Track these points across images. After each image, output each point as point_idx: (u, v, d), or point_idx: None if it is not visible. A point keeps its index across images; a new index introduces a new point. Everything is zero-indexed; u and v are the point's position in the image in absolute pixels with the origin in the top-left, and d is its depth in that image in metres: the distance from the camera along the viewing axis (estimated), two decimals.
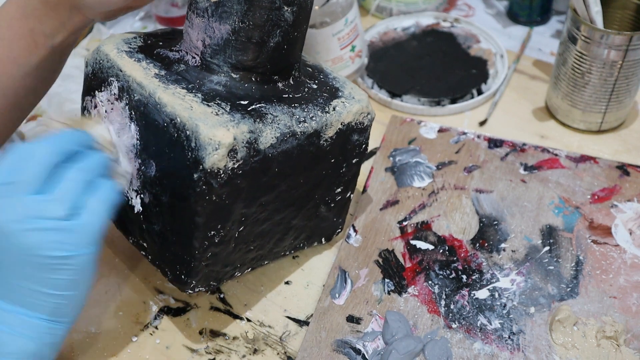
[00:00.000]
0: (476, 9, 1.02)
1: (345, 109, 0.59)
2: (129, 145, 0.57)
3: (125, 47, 0.59)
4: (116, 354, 0.62)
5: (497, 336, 0.61)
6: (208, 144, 0.51)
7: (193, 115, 0.52)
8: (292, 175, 0.58)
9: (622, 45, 0.72)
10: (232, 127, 0.52)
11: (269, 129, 0.54)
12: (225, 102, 0.54)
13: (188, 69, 0.57)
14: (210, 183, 0.52)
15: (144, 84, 0.55)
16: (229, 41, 0.55)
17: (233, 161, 0.52)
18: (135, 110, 0.55)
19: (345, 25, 0.81)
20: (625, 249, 0.67)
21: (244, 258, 0.61)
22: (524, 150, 0.77)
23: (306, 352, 0.61)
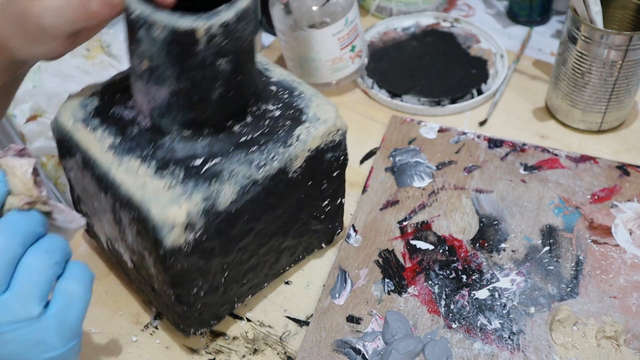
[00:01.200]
0: (476, 9, 1.02)
1: (310, 135, 0.57)
2: (106, 210, 0.57)
3: (81, 114, 0.58)
4: (116, 354, 0.62)
5: (497, 336, 0.61)
6: (163, 225, 0.51)
7: (145, 196, 0.52)
8: (266, 214, 0.58)
9: (622, 45, 0.72)
10: (185, 202, 0.51)
11: (227, 187, 0.53)
12: (179, 167, 0.53)
13: (141, 132, 0.56)
14: (176, 256, 0.52)
15: (99, 160, 0.55)
16: (171, 103, 0.53)
17: (192, 233, 0.52)
18: (100, 182, 0.55)
19: (345, 25, 0.81)
20: (625, 249, 0.67)
21: (240, 292, 0.62)
22: (524, 150, 0.77)
23: (306, 352, 0.61)
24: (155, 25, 0.49)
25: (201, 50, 0.50)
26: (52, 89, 0.92)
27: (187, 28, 0.49)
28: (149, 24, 0.49)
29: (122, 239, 0.58)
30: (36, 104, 0.88)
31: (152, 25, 0.49)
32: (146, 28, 0.50)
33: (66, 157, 0.60)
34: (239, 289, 0.61)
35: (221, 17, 0.50)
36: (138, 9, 0.50)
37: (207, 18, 0.49)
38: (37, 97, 0.89)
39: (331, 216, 0.66)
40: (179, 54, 0.50)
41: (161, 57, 0.51)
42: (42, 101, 0.88)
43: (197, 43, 0.50)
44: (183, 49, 0.50)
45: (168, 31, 0.49)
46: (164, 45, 0.50)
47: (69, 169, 0.61)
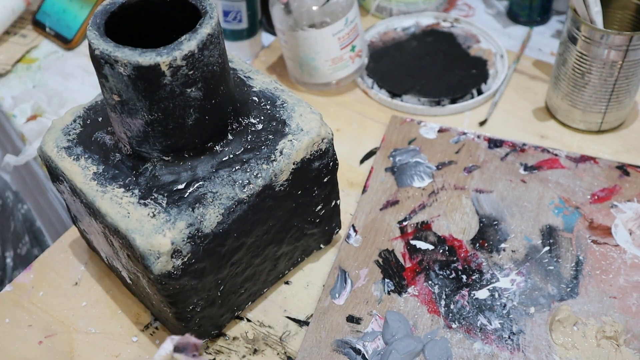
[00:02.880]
0: (476, 9, 1.02)
1: (294, 147, 0.57)
2: (100, 233, 0.58)
3: (65, 142, 0.58)
4: (116, 354, 0.62)
5: (497, 336, 0.61)
6: (149, 254, 0.51)
7: (130, 226, 0.52)
8: (256, 228, 0.58)
9: (622, 45, 0.72)
10: (169, 230, 0.52)
11: (211, 210, 0.53)
12: (162, 194, 0.54)
13: (122, 159, 0.56)
14: (167, 281, 0.53)
15: (84, 190, 0.55)
16: (147, 132, 0.53)
17: (180, 259, 0.52)
18: (88, 209, 0.56)
19: (345, 25, 0.81)
20: (625, 249, 0.67)
21: (239, 301, 0.62)
22: (524, 150, 0.77)
23: (306, 352, 0.61)
24: (118, 62, 0.49)
25: (168, 82, 0.50)
26: (53, 88, 0.92)
27: (150, 63, 0.49)
28: (112, 61, 0.49)
29: (117, 258, 0.59)
30: (36, 104, 0.88)
31: (116, 63, 0.49)
32: (110, 65, 0.50)
33: (56, 182, 0.60)
34: (237, 298, 0.61)
35: (183, 49, 0.49)
36: (100, 47, 0.50)
37: (169, 52, 0.49)
38: (37, 96, 0.89)
39: (327, 218, 0.65)
40: (146, 88, 0.50)
41: (129, 92, 0.51)
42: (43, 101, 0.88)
43: (163, 76, 0.49)
44: (149, 83, 0.50)
45: (132, 68, 0.49)
46: (130, 81, 0.50)
47: (61, 192, 0.61)
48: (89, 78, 0.94)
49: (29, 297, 0.67)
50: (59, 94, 0.91)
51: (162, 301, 0.56)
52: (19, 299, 0.67)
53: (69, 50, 0.99)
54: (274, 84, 0.62)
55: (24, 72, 0.96)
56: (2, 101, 0.92)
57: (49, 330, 0.64)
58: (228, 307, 0.61)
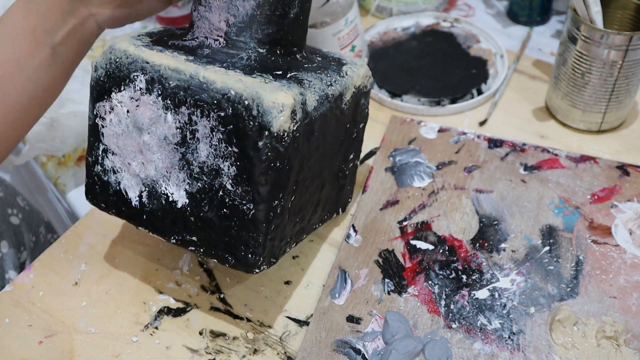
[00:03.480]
0: (476, 9, 1.02)
1: (355, 72, 0.62)
2: (167, 136, 0.56)
3: (140, 43, 0.58)
4: (116, 354, 0.62)
5: (497, 336, 0.61)
6: (272, 107, 0.52)
7: (248, 86, 0.52)
8: (325, 139, 0.60)
9: (622, 45, 0.72)
10: (289, 90, 0.53)
11: (309, 93, 0.56)
12: (265, 73, 0.55)
13: (214, 51, 0.57)
14: (276, 147, 0.53)
15: (180, 68, 0.55)
16: (254, 16, 0.56)
17: (294, 122, 0.53)
18: (172, 98, 0.55)
19: (345, 25, 0.81)
20: (625, 249, 0.67)
21: (292, 231, 0.62)
22: (524, 150, 0.77)
23: (306, 352, 0.61)
24: None
25: None
26: None
27: None
28: None
29: (182, 166, 0.56)
30: None
31: None
32: None
33: (108, 97, 0.58)
34: (292, 227, 0.61)
35: None
36: None
37: None
38: None
39: (351, 176, 0.69)
40: None
41: None
42: None
43: None
44: None
45: None
46: None
47: (103, 114, 0.59)
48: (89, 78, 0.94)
49: (29, 297, 0.67)
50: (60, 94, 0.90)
51: (246, 194, 0.54)
52: (19, 299, 0.67)
53: None
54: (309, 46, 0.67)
55: None
56: None
57: (49, 330, 0.64)
58: (286, 234, 0.60)
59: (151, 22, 1.00)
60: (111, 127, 0.59)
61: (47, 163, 0.89)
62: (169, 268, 0.69)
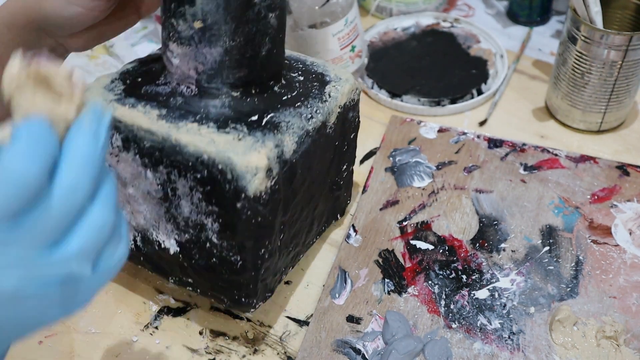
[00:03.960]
0: (476, 9, 1.02)
1: (339, 92, 0.60)
2: (150, 191, 0.56)
3: (112, 96, 0.56)
4: (116, 354, 0.62)
5: (497, 336, 0.61)
6: (246, 172, 0.50)
7: (220, 148, 0.51)
8: (311, 170, 0.59)
9: (622, 45, 0.72)
10: (262, 148, 0.52)
11: (287, 137, 0.54)
12: (239, 124, 0.54)
13: (187, 100, 0.55)
14: (255, 207, 0.52)
15: (152, 129, 0.53)
16: (223, 62, 0.54)
17: (270, 180, 0.52)
18: (149, 157, 0.54)
19: (345, 25, 0.81)
20: (625, 249, 0.67)
21: (286, 261, 0.63)
22: (523, 150, 0.77)
23: (306, 352, 0.61)
24: None
25: (258, 3, 0.52)
26: None
27: None
28: None
29: (168, 219, 0.56)
30: None
31: None
32: None
33: None
34: (286, 257, 0.62)
35: None
36: None
37: None
38: None
39: (346, 183, 0.68)
40: (237, 7, 0.52)
41: (218, 14, 0.51)
42: None
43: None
44: (241, 1, 0.52)
45: None
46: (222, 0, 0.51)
47: None
48: (89, 79, 0.94)
49: None
50: None
51: (232, 248, 0.54)
52: None
53: None
54: (295, 53, 0.65)
55: None
56: None
57: (49, 330, 0.64)
58: (279, 266, 0.61)
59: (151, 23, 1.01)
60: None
61: None
62: None
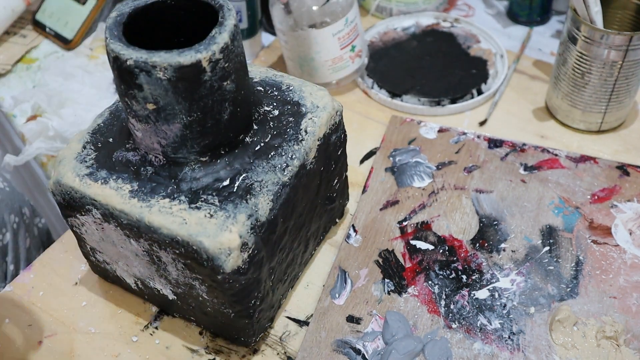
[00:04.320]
0: (476, 9, 1.02)
1: (316, 124, 0.58)
2: (138, 254, 0.57)
3: (84, 170, 0.56)
4: (116, 354, 0.62)
5: (497, 336, 0.61)
6: (220, 253, 0.51)
7: (191, 231, 0.51)
8: (296, 210, 0.58)
9: (622, 45, 0.72)
10: (233, 226, 0.51)
11: (261, 198, 0.54)
12: (211, 194, 0.53)
13: (157, 171, 0.55)
14: (236, 278, 0.52)
15: (126, 210, 0.53)
16: (185, 136, 0.52)
17: (247, 251, 0.52)
18: (129, 230, 0.54)
19: (345, 25, 0.81)
20: (625, 249, 0.67)
21: (283, 289, 0.63)
22: (524, 150, 0.77)
23: (306, 352, 0.61)
24: (157, 67, 0.48)
25: (208, 79, 0.50)
26: (53, 89, 0.92)
27: (192, 61, 0.48)
28: (149, 68, 0.48)
29: (160, 275, 0.58)
30: (36, 104, 0.88)
31: (154, 68, 0.48)
32: (146, 72, 0.49)
33: (74, 216, 0.58)
34: (282, 286, 0.62)
35: (219, 42, 0.50)
36: (132, 56, 0.48)
37: (206, 47, 0.49)
38: (37, 96, 0.89)
39: (341, 191, 0.68)
40: (186, 89, 0.50)
41: (168, 97, 0.50)
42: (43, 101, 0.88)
43: (204, 72, 0.49)
44: (190, 82, 0.49)
45: (172, 70, 0.48)
46: (170, 85, 0.49)
47: (77, 225, 0.59)
48: (89, 78, 0.94)
49: (29, 297, 0.67)
50: (59, 94, 0.91)
51: (223, 304, 0.55)
52: (19, 299, 0.67)
53: (69, 50, 0.99)
54: (271, 72, 0.63)
55: (24, 72, 0.96)
56: (2, 101, 0.92)
57: (49, 330, 0.64)
58: (277, 297, 0.61)
59: None
60: (89, 235, 0.60)
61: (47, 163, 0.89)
62: None
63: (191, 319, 0.63)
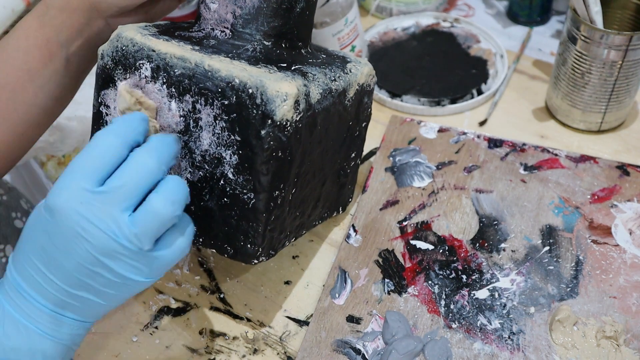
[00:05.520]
0: (476, 9, 1.02)
1: (359, 70, 0.62)
2: (170, 124, 0.56)
3: (147, 32, 0.58)
4: (116, 354, 0.62)
5: (497, 336, 0.61)
6: (276, 96, 0.52)
7: (253, 74, 0.53)
8: (327, 134, 0.60)
9: (622, 45, 0.72)
10: (293, 80, 0.54)
11: (313, 86, 0.56)
12: (269, 64, 0.55)
13: (220, 42, 0.57)
14: (278, 137, 0.53)
15: (186, 56, 0.54)
16: (261, 9, 0.56)
17: (297, 113, 0.54)
18: (177, 86, 0.55)
19: (345, 25, 0.81)
20: (625, 249, 0.67)
21: (292, 225, 0.62)
22: (524, 150, 0.77)
23: (306, 352, 0.61)
24: None
25: None
26: None
27: None
28: None
29: (184, 155, 0.57)
30: None
31: None
32: None
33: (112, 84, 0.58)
34: (293, 220, 0.61)
35: None
36: None
37: None
38: None
39: (352, 174, 0.69)
40: None
41: None
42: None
43: None
44: None
45: None
46: None
47: (108, 101, 0.59)
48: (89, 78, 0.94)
49: None
50: None
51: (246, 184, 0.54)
52: None
53: None
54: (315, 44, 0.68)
55: None
56: None
57: None
58: (286, 226, 0.61)
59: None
60: (115, 115, 0.59)
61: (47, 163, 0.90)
62: None
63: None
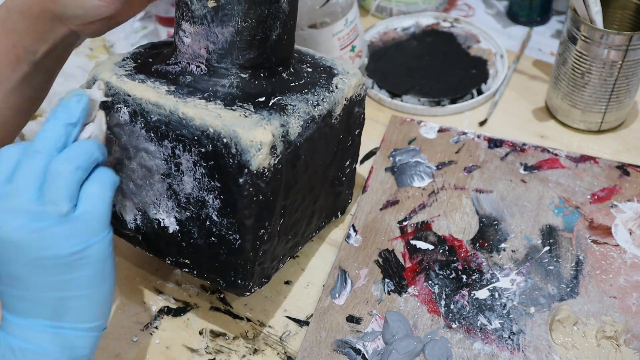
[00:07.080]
0: (476, 9, 1.02)
1: (346, 84, 0.61)
2: (153, 166, 0.56)
3: (123, 72, 0.57)
4: (116, 353, 0.62)
5: (497, 336, 0.61)
6: (250, 146, 0.51)
7: (226, 123, 0.52)
8: (314, 159, 0.59)
9: (622, 45, 0.72)
10: (267, 125, 0.53)
11: (293, 119, 0.55)
12: (245, 102, 0.55)
13: (196, 79, 0.56)
14: (257, 184, 0.52)
15: (160, 103, 0.54)
16: (234, 43, 0.55)
17: (274, 157, 0.53)
18: (155, 131, 0.55)
19: (345, 25, 0.81)
20: (625, 249, 0.67)
21: (285, 249, 0.62)
22: (524, 150, 0.77)
23: (306, 352, 0.61)
24: None
25: None
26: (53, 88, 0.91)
27: None
28: None
29: (170, 196, 0.57)
30: None
31: None
32: None
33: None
34: (285, 244, 0.62)
35: None
36: None
37: None
38: None
39: (349, 180, 0.69)
40: None
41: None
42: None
43: None
44: None
45: None
46: None
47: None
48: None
49: None
50: (59, 94, 0.91)
51: (231, 226, 0.54)
52: None
53: None
54: (304, 48, 0.66)
55: None
56: None
57: None
58: (277, 253, 0.61)
59: (151, 23, 1.01)
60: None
61: None
62: (169, 268, 0.69)
63: (185, 262, 0.61)
